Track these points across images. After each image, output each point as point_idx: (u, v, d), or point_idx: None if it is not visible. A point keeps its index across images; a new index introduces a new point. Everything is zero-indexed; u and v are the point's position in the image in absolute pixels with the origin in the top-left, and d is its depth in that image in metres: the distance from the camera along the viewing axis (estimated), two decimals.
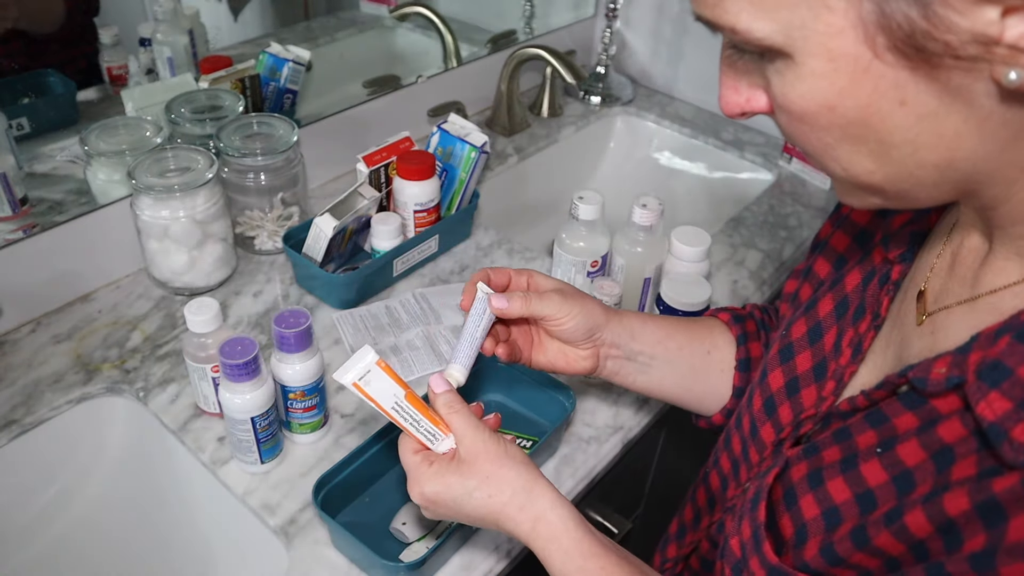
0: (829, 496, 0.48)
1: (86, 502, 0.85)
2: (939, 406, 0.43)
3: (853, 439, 0.48)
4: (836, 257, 0.63)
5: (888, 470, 0.45)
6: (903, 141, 0.39)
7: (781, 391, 0.58)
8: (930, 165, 0.40)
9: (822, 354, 0.57)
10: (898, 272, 0.54)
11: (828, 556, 0.46)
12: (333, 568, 0.70)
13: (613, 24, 1.42)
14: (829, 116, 0.40)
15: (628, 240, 0.92)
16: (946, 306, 0.49)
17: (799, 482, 0.50)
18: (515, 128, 1.35)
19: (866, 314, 0.55)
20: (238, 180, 0.98)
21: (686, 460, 1.27)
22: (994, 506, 0.37)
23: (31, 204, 0.90)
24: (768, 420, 0.58)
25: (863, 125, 0.40)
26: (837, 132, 0.41)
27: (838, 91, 0.39)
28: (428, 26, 1.31)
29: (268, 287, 0.99)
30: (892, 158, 0.40)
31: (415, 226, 1.02)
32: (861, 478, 0.46)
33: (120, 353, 0.88)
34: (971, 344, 0.41)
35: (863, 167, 0.42)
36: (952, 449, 0.42)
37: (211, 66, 1.01)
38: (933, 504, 0.40)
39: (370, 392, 0.56)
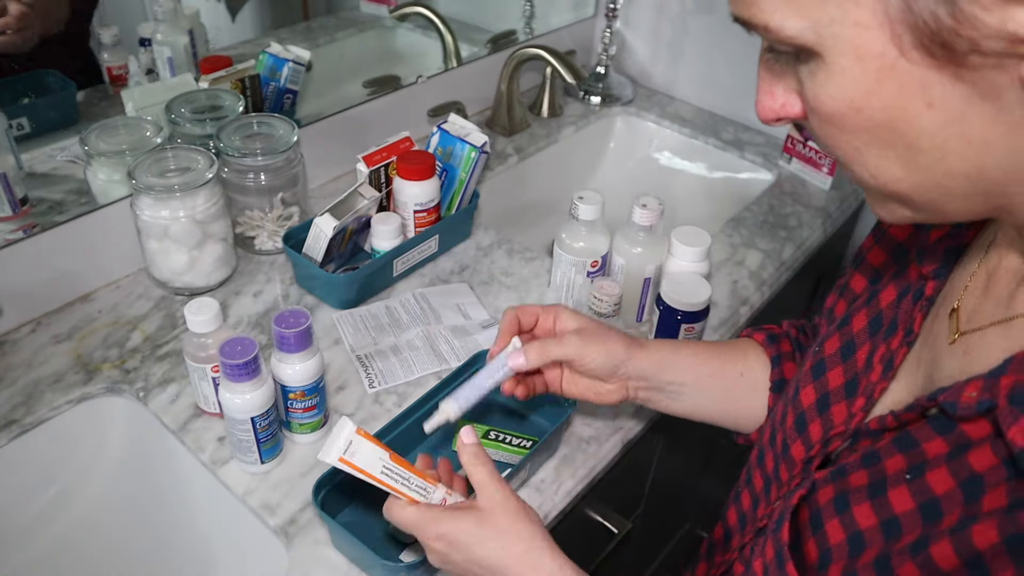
0: (855, 521, 0.47)
1: (86, 502, 0.85)
2: (970, 431, 0.42)
3: (882, 463, 0.47)
4: (872, 272, 0.62)
5: (916, 497, 0.44)
6: (931, 146, 0.39)
7: (812, 408, 0.57)
8: (959, 174, 0.39)
9: (854, 370, 0.56)
10: (932, 288, 0.52)
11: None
12: (333, 568, 0.70)
13: (613, 24, 1.42)
14: (856, 118, 0.39)
15: (628, 240, 0.92)
16: (980, 327, 0.47)
17: (825, 505, 0.49)
18: (515, 128, 1.35)
19: (899, 330, 0.54)
20: (238, 180, 0.98)
21: (686, 460, 1.27)
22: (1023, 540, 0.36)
23: (31, 204, 0.90)
24: (799, 437, 0.57)
25: (890, 128, 0.39)
26: (865, 135, 0.40)
27: (865, 91, 0.38)
28: (428, 26, 1.31)
29: (268, 287, 0.99)
30: (920, 165, 0.40)
31: (415, 226, 1.02)
32: (888, 504, 0.45)
33: (120, 353, 0.88)
34: (1004, 367, 0.40)
35: (891, 174, 0.41)
36: (982, 478, 0.40)
37: (211, 66, 1.01)
38: (961, 536, 0.39)
39: (357, 463, 0.57)
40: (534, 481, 0.78)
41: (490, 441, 0.80)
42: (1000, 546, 0.37)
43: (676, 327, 0.89)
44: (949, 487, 0.42)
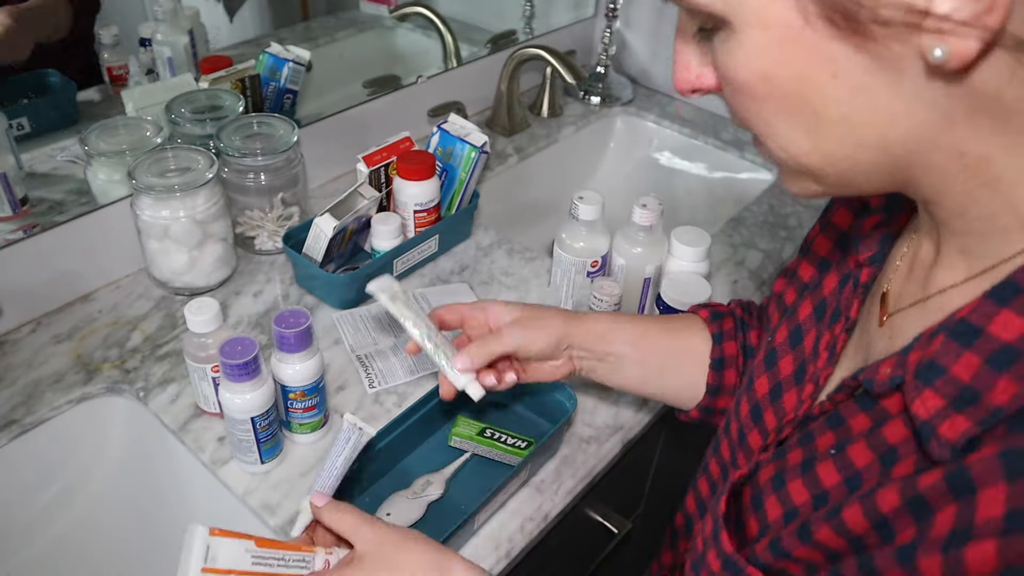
0: (790, 497, 0.48)
1: (86, 502, 0.85)
2: (888, 407, 0.44)
3: (814, 441, 0.49)
4: (818, 261, 0.63)
5: (841, 471, 0.45)
6: (839, 116, 0.39)
7: (766, 397, 0.58)
8: (866, 145, 0.40)
9: (802, 357, 0.57)
10: (867, 275, 0.54)
11: (775, 550, 0.46)
12: None
13: (613, 24, 1.42)
14: (765, 87, 0.40)
15: (628, 240, 0.92)
16: (902, 308, 0.49)
17: (765, 484, 0.51)
18: (515, 128, 1.35)
19: (840, 316, 0.55)
20: (238, 180, 0.98)
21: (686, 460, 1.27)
22: (920, 502, 0.38)
23: (31, 204, 0.90)
24: (755, 427, 0.59)
25: (799, 98, 0.39)
26: (773, 105, 0.41)
27: (772, 60, 0.39)
28: (428, 26, 1.31)
29: (268, 287, 0.99)
30: (829, 136, 0.40)
31: (415, 226, 1.02)
32: (817, 479, 0.47)
33: (120, 353, 0.88)
34: (912, 344, 0.42)
35: (799, 146, 0.42)
36: (896, 449, 0.42)
37: (211, 66, 1.01)
38: (868, 500, 0.41)
39: (223, 566, 0.53)
40: (534, 481, 0.79)
41: (484, 439, 0.80)
42: (902, 507, 0.39)
43: None
44: (868, 460, 0.44)
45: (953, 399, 0.38)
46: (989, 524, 0.34)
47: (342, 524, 0.58)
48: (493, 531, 0.74)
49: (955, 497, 0.36)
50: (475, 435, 0.80)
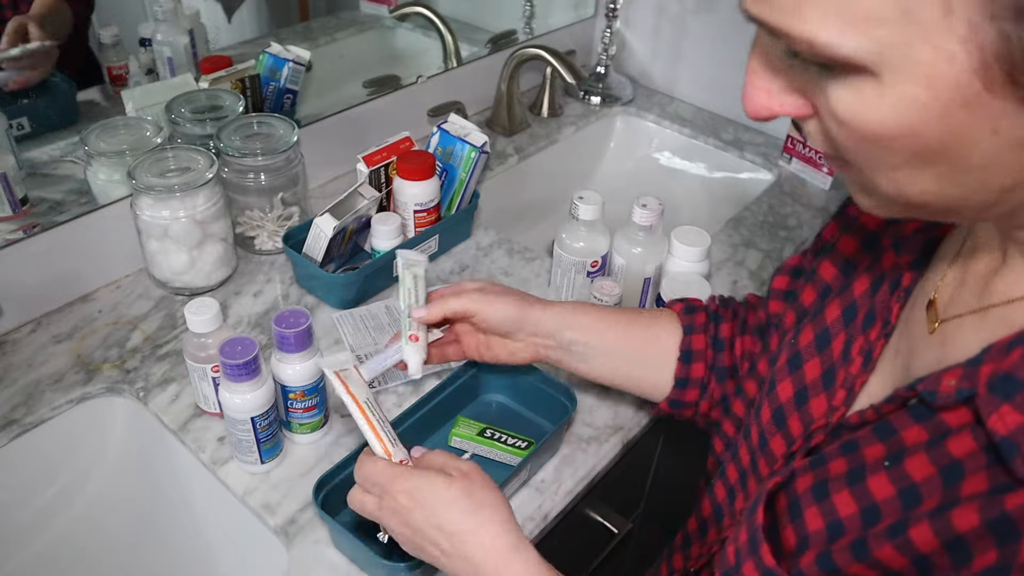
0: (834, 509, 0.46)
1: (86, 502, 0.85)
2: (948, 420, 0.42)
3: (860, 451, 0.47)
4: (843, 261, 0.62)
5: (895, 484, 0.43)
6: (980, 166, 0.36)
7: (790, 402, 0.57)
8: (996, 188, 0.37)
9: (830, 361, 0.56)
10: (909, 279, 0.52)
11: (824, 564, 0.45)
12: (333, 568, 0.70)
13: (613, 24, 1.42)
14: (906, 141, 0.36)
15: (628, 240, 0.92)
16: (956, 315, 0.47)
17: (804, 493, 0.49)
18: (515, 128, 1.35)
19: (876, 321, 0.53)
20: (238, 180, 0.98)
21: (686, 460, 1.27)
22: (1006, 523, 0.36)
23: (31, 204, 0.90)
24: (778, 432, 0.57)
25: (941, 151, 0.36)
26: (907, 154, 0.37)
27: (927, 118, 0.35)
28: (428, 26, 1.31)
29: (268, 287, 0.99)
30: (959, 182, 0.37)
31: (415, 226, 1.02)
32: (867, 492, 0.45)
33: (120, 353, 0.88)
34: (983, 356, 0.40)
35: (921, 188, 0.38)
36: (962, 464, 0.40)
37: (211, 66, 1.01)
38: (940, 519, 0.39)
39: (349, 383, 0.59)
40: (534, 481, 0.78)
41: (484, 439, 0.80)
42: (981, 528, 0.37)
43: None
44: (929, 473, 0.42)
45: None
46: None
47: (436, 457, 0.61)
48: None
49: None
50: (475, 435, 0.80)
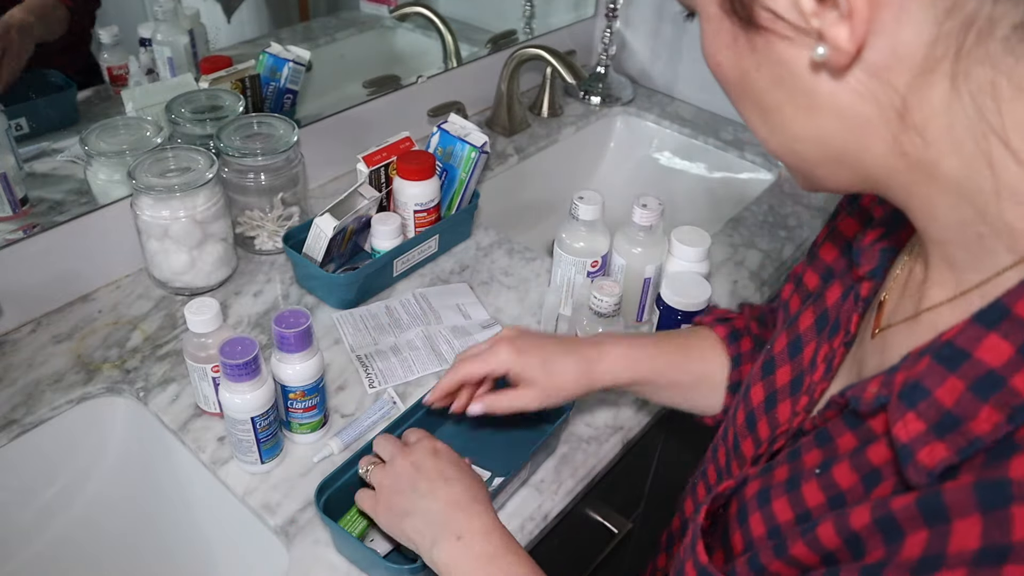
0: (774, 515, 0.48)
1: (86, 502, 0.85)
2: (874, 427, 0.43)
3: (801, 458, 0.48)
4: (824, 269, 0.63)
5: (825, 491, 0.45)
6: (772, 108, 0.42)
7: (760, 406, 0.58)
8: (803, 139, 0.42)
9: (800, 368, 0.57)
10: (867, 289, 0.53)
11: (752, 564, 0.46)
12: (333, 568, 0.70)
13: (613, 24, 1.42)
14: (719, 72, 0.44)
15: (628, 240, 0.92)
16: (894, 323, 0.48)
17: (750, 499, 0.51)
18: (515, 128, 1.35)
19: (840, 329, 0.55)
20: (238, 180, 0.98)
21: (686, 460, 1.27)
22: (891, 522, 0.37)
23: (31, 204, 0.90)
24: (749, 435, 0.58)
25: (742, 87, 0.43)
26: (731, 91, 0.44)
27: (715, 48, 0.43)
28: (428, 26, 1.31)
29: (268, 287, 0.99)
30: (773, 125, 0.43)
31: (415, 226, 1.02)
32: (802, 499, 0.46)
33: (120, 353, 0.88)
34: (900, 363, 0.41)
35: (759, 133, 0.45)
36: (880, 471, 0.42)
37: (211, 66, 1.01)
38: (841, 517, 0.40)
39: None
40: (534, 481, 0.78)
41: None
42: (872, 526, 0.38)
43: (676, 327, 0.89)
44: (852, 481, 0.43)
45: (935, 424, 0.37)
46: (962, 555, 0.33)
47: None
48: None
49: (927, 523, 0.35)
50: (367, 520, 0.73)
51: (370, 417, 0.81)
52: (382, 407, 0.83)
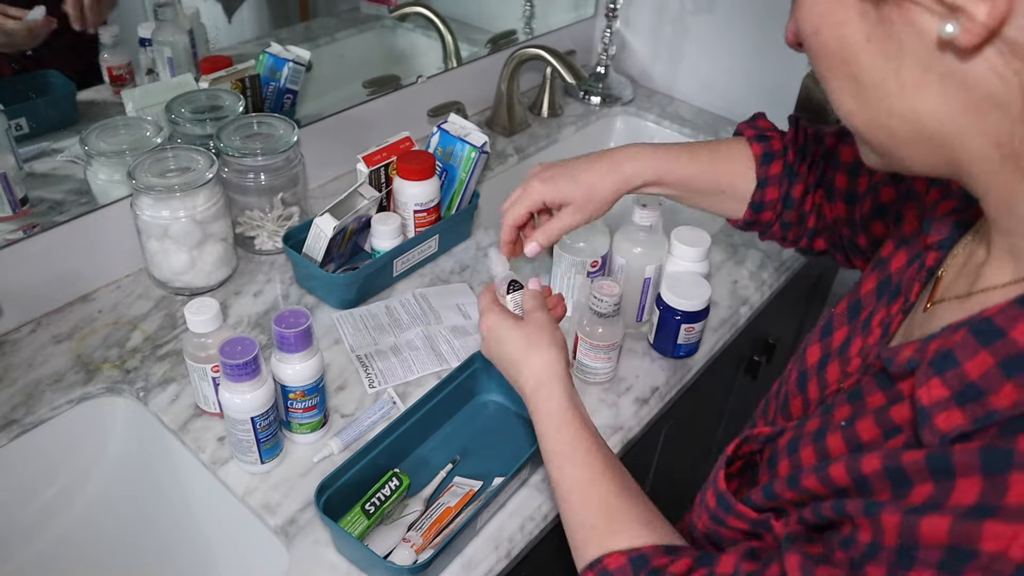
0: (800, 461, 0.51)
1: (86, 502, 0.85)
2: (903, 389, 0.45)
3: (832, 413, 0.51)
4: (900, 237, 0.63)
5: (847, 442, 0.47)
6: (872, 83, 0.41)
7: (814, 366, 0.60)
8: (899, 116, 0.41)
9: (855, 331, 0.58)
10: (933, 259, 0.54)
11: (766, 493, 0.49)
12: (333, 569, 0.70)
13: (613, 24, 1.42)
14: (816, 41, 0.43)
15: (628, 240, 0.92)
16: (947, 299, 0.50)
17: (781, 448, 0.53)
18: (515, 128, 1.35)
19: (900, 296, 0.56)
20: (238, 180, 0.98)
21: (686, 460, 1.27)
22: (901, 472, 0.40)
23: (31, 204, 0.90)
24: (799, 394, 0.60)
25: (841, 58, 0.42)
26: (825, 61, 0.43)
27: (820, 15, 0.42)
28: (428, 26, 1.31)
29: (268, 287, 0.99)
30: (867, 100, 0.42)
31: (415, 226, 1.02)
32: (826, 448, 0.49)
33: (120, 353, 0.88)
34: (939, 333, 0.43)
35: (847, 106, 0.44)
36: (900, 429, 0.44)
37: (211, 66, 1.01)
38: (853, 460, 0.43)
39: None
40: (534, 481, 0.78)
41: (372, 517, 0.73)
42: (882, 473, 0.41)
43: (676, 327, 0.89)
44: (874, 435, 0.46)
45: (957, 392, 0.39)
46: (956, 508, 0.36)
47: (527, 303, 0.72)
48: (493, 531, 0.74)
49: (933, 477, 0.38)
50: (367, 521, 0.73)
51: (370, 417, 0.81)
52: (382, 407, 0.83)
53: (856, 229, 0.74)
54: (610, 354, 0.85)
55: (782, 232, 0.81)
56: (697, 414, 1.15)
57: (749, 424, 0.68)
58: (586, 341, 0.84)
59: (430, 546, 0.71)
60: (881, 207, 0.70)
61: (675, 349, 0.91)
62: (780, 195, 0.78)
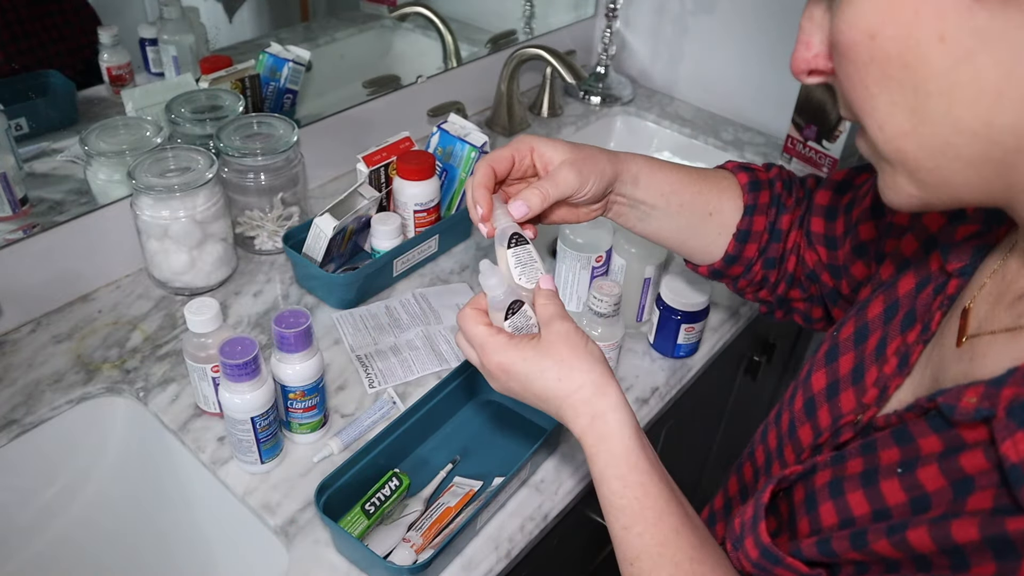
0: (848, 507, 0.47)
1: (86, 502, 0.85)
2: (965, 435, 0.42)
3: (877, 453, 0.47)
4: (901, 260, 0.61)
5: (907, 491, 0.44)
6: (939, 91, 0.36)
7: (822, 392, 0.57)
8: (967, 129, 0.37)
9: (862, 357, 0.56)
10: (955, 287, 0.51)
11: (823, 549, 0.46)
12: (333, 568, 0.70)
13: (613, 24, 1.42)
14: (870, 47, 0.37)
15: (628, 240, 0.92)
16: (990, 332, 0.46)
17: (820, 488, 0.50)
18: (515, 128, 1.35)
19: (916, 323, 0.53)
20: (238, 180, 0.98)
21: (686, 461, 1.27)
22: (1006, 543, 0.36)
23: (31, 204, 0.90)
24: (808, 421, 0.57)
25: (901, 63, 0.37)
26: (876, 71, 0.38)
27: (880, 15, 0.37)
28: (428, 26, 1.31)
29: (268, 287, 0.99)
30: (927, 113, 0.37)
31: (415, 226, 1.02)
32: (880, 495, 0.45)
33: (120, 353, 0.88)
34: (1007, 378, 0.40)
35: (898, 125, 0.39)
36: (973, 480, 0.41)
37: (211, 66, 1.01)
38: (939, 527, 0.39)
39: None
40: (534, 481, 0.78)
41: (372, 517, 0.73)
42: (980, 543, 0.37)
43: (676, 327, 0.89)
44: (940, 484, 0.42)
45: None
46: None
47: (544, 309, 0.57)
48: (493, 531, 0.74)
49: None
50: (367, 521, 0.73)
51: (370, 417, 0.81)
52: (382, 407, 0.83)
53: (840, 275, 0.70)
54: (610, 354, 0.85)
55: (762, 272, 0.75)
56: (697, 414, 1.15)
57: (747, 452, 0.66)
58: None
59: (430, 546, 0.71)
60: (861, 246, 0.66)
61: (675, 349, 0.91)
62: (767, 224, 0.73)
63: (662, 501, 0.52)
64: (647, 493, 0.52)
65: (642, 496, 0.52)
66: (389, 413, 0.83)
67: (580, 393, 0.54)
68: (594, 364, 0.55)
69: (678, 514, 0.52)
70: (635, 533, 0.52)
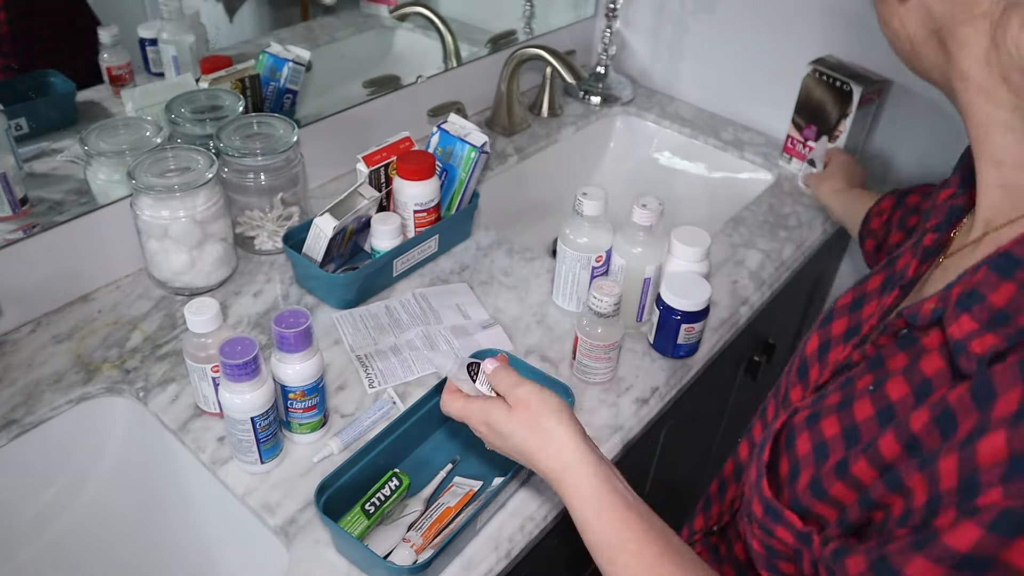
0: (821, 432, 0.51)
1: (86, 502, 0.85)
2: (926, 343, 0.46)
3: (854, 384, 0.51)
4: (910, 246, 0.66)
5: (874, 405, 0.48)
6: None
7: (814, 354, 0.61)
8: (915, 4, 0.47)
9: (858, 320, 0.60)
10: (930, 239, 0.56)
11: (815, 490, 0.49)
12: (333, 569, 0.70)
13: (613, 24, 1.42)
14: None
15: (628, 240, 0.92)
16: (958, 251, 0.52)
17: (799, 423, 0.53)
18: (515, 128, 1.35)
19: (896, 286, 0.58)
20: (238, 180, 0.98)
21: (686, 460, 1.27)
22: (948, 415, 0.40)
23: (31, 204, 0.90)
24: (799, 383, 0.60)
25: None
26: None
27: None
28: (428, 26, 1.31)
29: (268, 287, 0.99)
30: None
31: (415, 226, 1.02)
32: (851, 414, 0.49)
33: (120, 353, 0.88)
34: (958, 279, 0.45)
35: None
36: (931, 382, 0.45)
37: (211, 66, 1.01)
38: (901, 424, 0.43)
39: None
40: (534, 481, 0.78)
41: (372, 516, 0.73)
42: (931, 423, 0.41)
43: (676, 327, 0.89)
44: (903, 393, 0.46)
45: (986, 322, 0.41)
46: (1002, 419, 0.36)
47: (501, 384, 0.63)
48: (493, 531, 0.74)
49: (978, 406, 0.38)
50: (367, 521, 0.72)
51: (370, 417, 0.81)
52: (382, 407, 0.83)
53: None
54: (610, 354, 0.85)
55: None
56: (697, 414, 1.15)
57: (749, 426, 0.68)
58: (586, 341, 0.84)
59: (430, 546, 0.71)
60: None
61: (675, 349, 0.91)
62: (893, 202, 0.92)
63: (640, 532, 0.56)
64: (625, 524, 0.56)
65: (620, 531, 0.56)
66: (389, 413, 0.83)
67: (546, 449, 0.59)
68: (563, 422, 0.60)
69: (658, 541, 0.55)
70: (620, 564, 0.55)
